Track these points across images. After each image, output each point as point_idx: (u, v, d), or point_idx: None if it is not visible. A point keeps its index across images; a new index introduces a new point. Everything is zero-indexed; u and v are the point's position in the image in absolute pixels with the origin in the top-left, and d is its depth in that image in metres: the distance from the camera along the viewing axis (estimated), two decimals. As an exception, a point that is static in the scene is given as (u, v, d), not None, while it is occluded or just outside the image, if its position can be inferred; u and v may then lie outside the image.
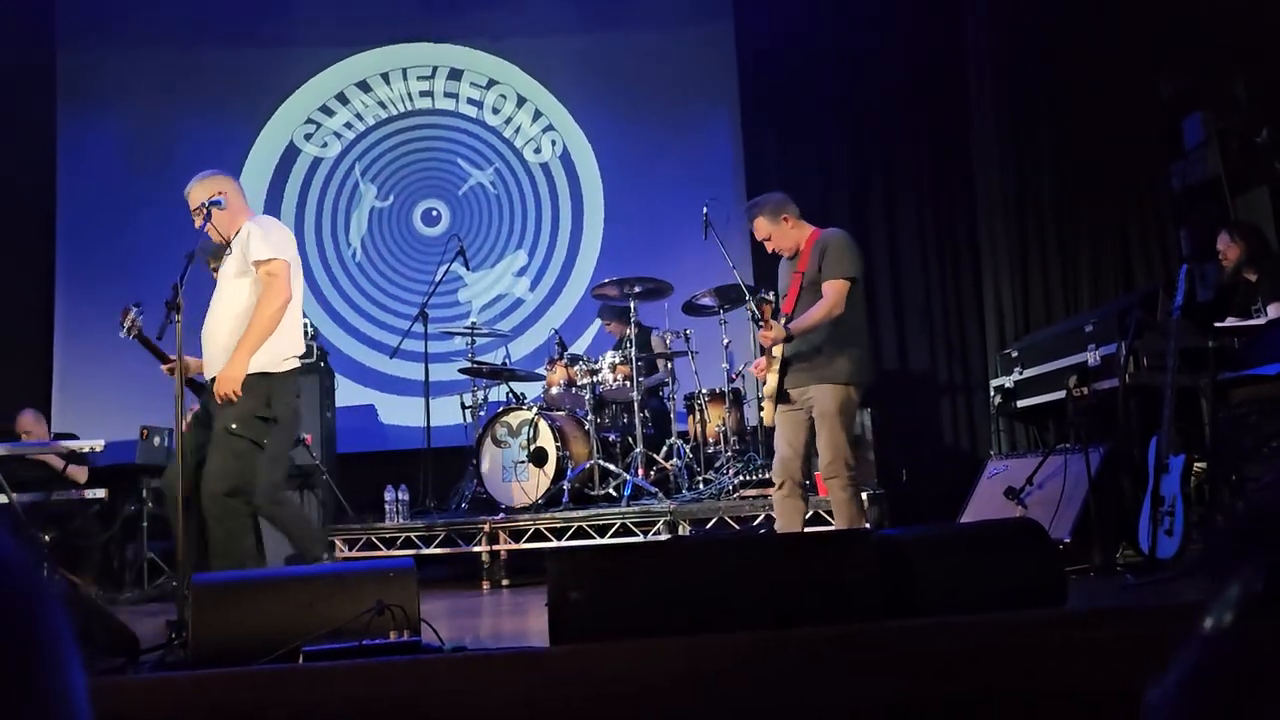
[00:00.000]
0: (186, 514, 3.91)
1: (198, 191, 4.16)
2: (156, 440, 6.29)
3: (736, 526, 5.51)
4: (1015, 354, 6.12)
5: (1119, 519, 4.50)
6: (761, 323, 4.48)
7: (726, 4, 7.89)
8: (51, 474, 5.97)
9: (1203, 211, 6.21)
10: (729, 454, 6.15)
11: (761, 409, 4.73)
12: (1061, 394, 5.10)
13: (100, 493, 5.94)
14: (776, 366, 4.41)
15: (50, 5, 7.86)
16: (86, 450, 5.94)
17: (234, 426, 3.90)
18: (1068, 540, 4.53)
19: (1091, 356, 5.10)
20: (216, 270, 4.20)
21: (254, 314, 3.95)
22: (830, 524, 5.39)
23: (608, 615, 2.53)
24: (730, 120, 7.86)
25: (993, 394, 6.39)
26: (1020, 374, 5.95)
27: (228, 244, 4.14)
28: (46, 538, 5.64)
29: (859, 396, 4.37)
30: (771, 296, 4.74)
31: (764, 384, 4.60)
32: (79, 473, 6.04)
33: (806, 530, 4.61)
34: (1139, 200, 6.62)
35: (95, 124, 7.85)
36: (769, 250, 4.60)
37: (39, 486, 5.87)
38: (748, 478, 5.95)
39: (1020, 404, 6.00)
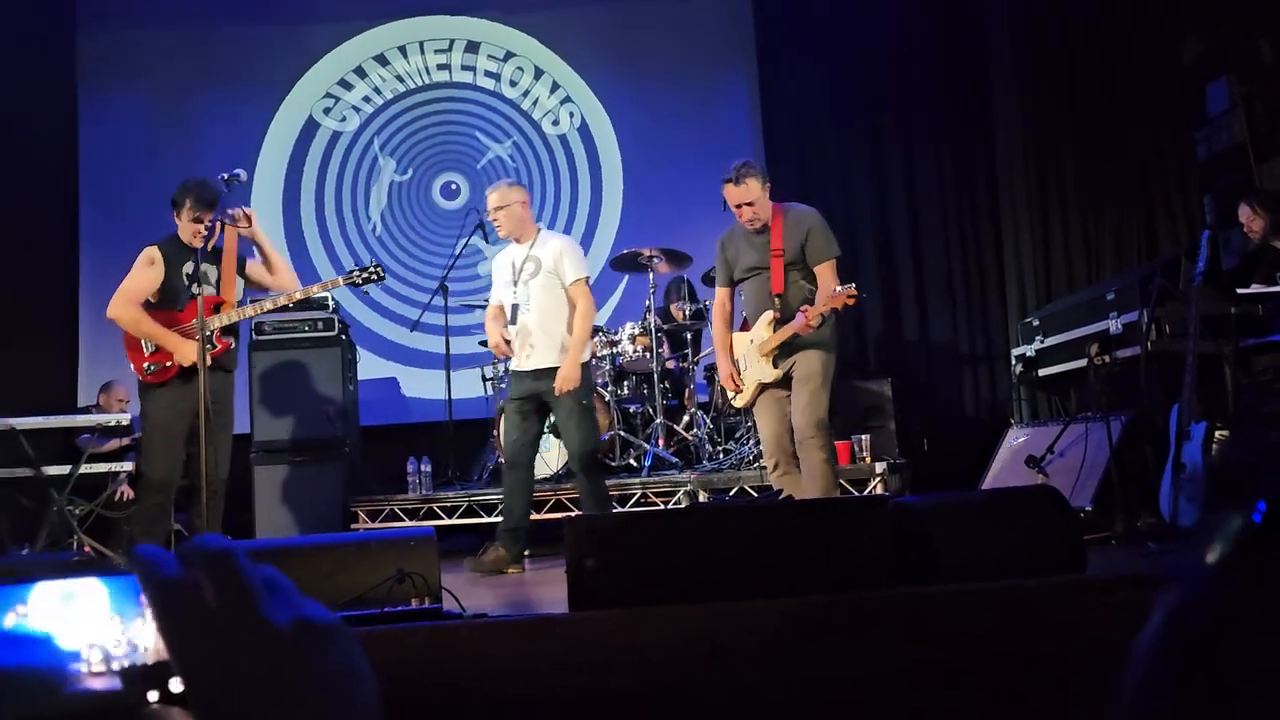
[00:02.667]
0: (209, 488, 3.99)
1: (499, 196, 4.90)
2: (182, 414, 6.34)
3: (756, 496, 5.52)
4: (1036, 322, 6.08)
5: (1141, 487, 4.48)
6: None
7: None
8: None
9: (1228, 179, 6.13)
10: (749, 424, 6.15)
11: (733, 395, 4.69)
12: (1083, 362, 5.07)
13: (128, 465, 6.02)
14: (767, 357, 4.40)
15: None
16: (112, 423, 6.02)
17: (585, 401, 4.84)
18: (1089, 508, 4.52)
19: (1113, 324, 5.06)
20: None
21: (578, 325, 4.80)
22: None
23: (625, 582, 2.55)
24: (748, 91, 7.81)
25: (1014, 363, 6.36)
26: (1041, 342, 5.91)
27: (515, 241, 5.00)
28: (76, 510, 5.72)
29: (835, 358, 4.45)
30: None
31: (736, 394, 4.61)
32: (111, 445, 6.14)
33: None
34: (1162, 168, 6.54)
35: (116, 101, 7.89)
36: (744, 218, 4.48)
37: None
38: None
39: (1041, 372, 5.97)
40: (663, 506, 5.66)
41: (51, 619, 0.62)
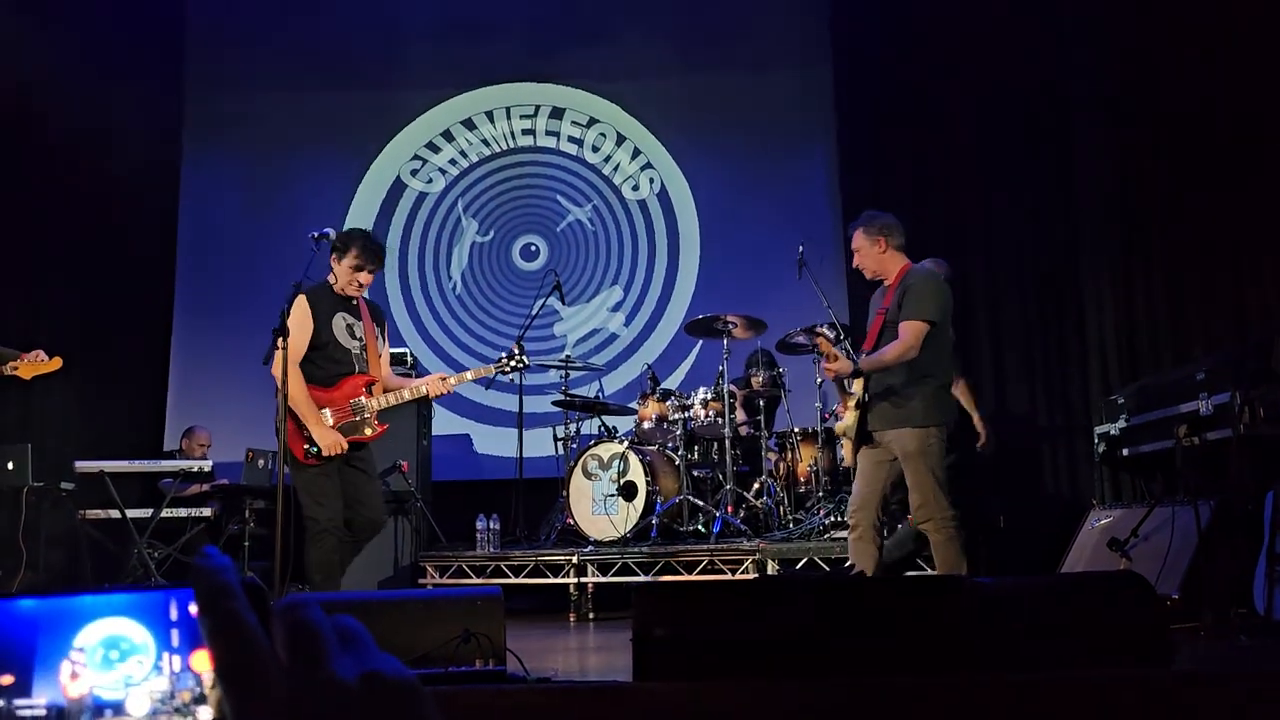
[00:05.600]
0: (283, 534, 4.05)
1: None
2: (260, 463, 6.50)
3: (826, 568, 5.42)
4: (1121, 400, 5.92)
5: (1231, 576, 4.30)
6: (823, 357, 4.43)
7: (825, 47, 7.90)
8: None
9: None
10: (820, 494, 6.08)
11: (841, 446, 4.67)
12: (1170, 443, 4.91)
13: (207, 510, 6.16)
14: (853, 404, 4.35)
15: (179, 54, 8.30)
16: (194, 469, 6.18)
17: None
18: (1175, 596, 4.34)
19: (1203, 405, 4.90)
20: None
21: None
22: (925, 570, 5.29)
23: (692, 654, 2.52)
24: (826, 161, 7.84)
25: (1096, 441, 6.19)
26: (1126, 421, 5.75)
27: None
28: (155, 553, 5.85)
29: (942, 436, 4.28)
30: (827, 330, 4.68)
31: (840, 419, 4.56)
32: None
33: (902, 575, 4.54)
34: (1256, 237, 6.36)
35: (216, 161, 8.24)
36: (854, 264, 4.52)
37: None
38: (838, 518, 5.86)
39: (1126, 452, 5.80)
40: (729, 574, 5.59)
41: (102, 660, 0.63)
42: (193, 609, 0.59)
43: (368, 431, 4.43)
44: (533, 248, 8.15)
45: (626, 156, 8.19)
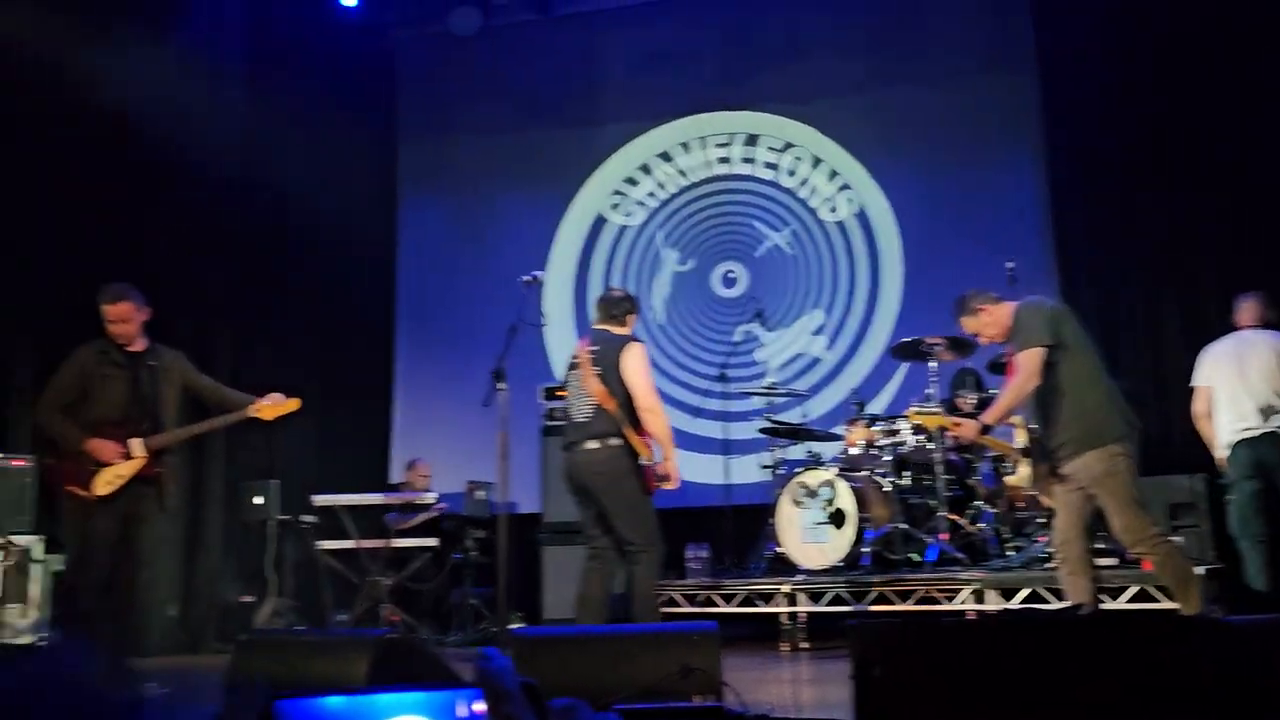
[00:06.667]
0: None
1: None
2: (480, 494, 6.80)
3: (1053, 599, 5.17)
4: None
5: None
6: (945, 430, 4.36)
7: (1029, 51, 7.58)
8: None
9: None
10: (1041, 519, 5.80)
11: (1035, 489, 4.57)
12: None
13: (433, 540, 6.49)
14: (1019, 453, 4.23)
15: (393, 104, 8.88)
16: (418, 503, 6.53)
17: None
18: None
19: None
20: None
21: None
22: (1158, 601, 4.98)
23: (914, 694, 2.46)
24: (1034, 173, 7.50)
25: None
26: None
27: None
28: (388, 581, 6.21)
29: (1127, 450, 4.07)
30: (929, 403, 4.56)
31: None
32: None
33: (1140, 609, 4.33)
34: None
35: (429, 203, 8.77)
36: (983, 344, 4.54)
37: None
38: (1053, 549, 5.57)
39: None
40: (946, 605, 5.42)
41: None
42: (479, 707, 0.64)
43: None
44: (732, 274, 8.20)
45: (823, 178, 8.13)
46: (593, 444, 4.58)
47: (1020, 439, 4.63)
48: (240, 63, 7.90)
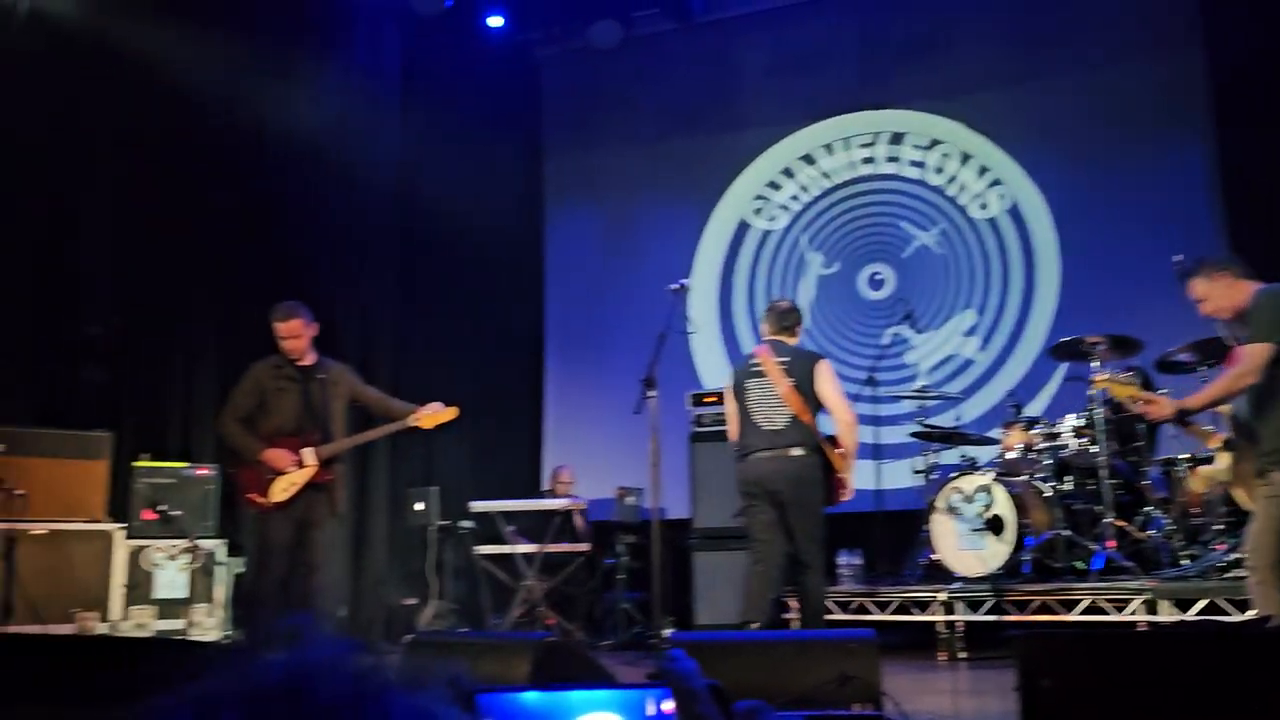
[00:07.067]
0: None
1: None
2: (630, 500, 6.89)
3: (1235, 612, 4.89)
4: None
5: None
6: (1138, 403, 4.01)
7: (1195, 30, 7.19)
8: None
9: None
10: (1218, 526, 5.49)
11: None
12: None
13: (585, 545, 6.61)
14: (1221, 445, 3.92)
15: (538, 119, 9.10)
16: (570, 509, 6.66)
17: None
18: None
19: None
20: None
21: None
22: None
23: (1086, 708, 2.38)
24: (1201, 156, 7.11)
25: None
26: None
27: None
28: (543, 585, 6.36)
29: None
30: (1129, 375, 4.23)
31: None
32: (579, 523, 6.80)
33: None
34: None
35: (575, 214, 8.94)
36: (1203, 313, 4.01)
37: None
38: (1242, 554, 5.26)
39: None
40: (1115, 616, 5.19)
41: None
42: (668, 706, 0.67)
43: None
44: (879, 276, 8.06)
45: (972, 175, 7.91)
46: (797, 451, 4.66)
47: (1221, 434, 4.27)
48: (397, 87, 8.26)
